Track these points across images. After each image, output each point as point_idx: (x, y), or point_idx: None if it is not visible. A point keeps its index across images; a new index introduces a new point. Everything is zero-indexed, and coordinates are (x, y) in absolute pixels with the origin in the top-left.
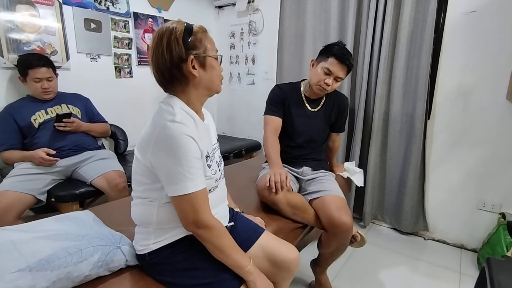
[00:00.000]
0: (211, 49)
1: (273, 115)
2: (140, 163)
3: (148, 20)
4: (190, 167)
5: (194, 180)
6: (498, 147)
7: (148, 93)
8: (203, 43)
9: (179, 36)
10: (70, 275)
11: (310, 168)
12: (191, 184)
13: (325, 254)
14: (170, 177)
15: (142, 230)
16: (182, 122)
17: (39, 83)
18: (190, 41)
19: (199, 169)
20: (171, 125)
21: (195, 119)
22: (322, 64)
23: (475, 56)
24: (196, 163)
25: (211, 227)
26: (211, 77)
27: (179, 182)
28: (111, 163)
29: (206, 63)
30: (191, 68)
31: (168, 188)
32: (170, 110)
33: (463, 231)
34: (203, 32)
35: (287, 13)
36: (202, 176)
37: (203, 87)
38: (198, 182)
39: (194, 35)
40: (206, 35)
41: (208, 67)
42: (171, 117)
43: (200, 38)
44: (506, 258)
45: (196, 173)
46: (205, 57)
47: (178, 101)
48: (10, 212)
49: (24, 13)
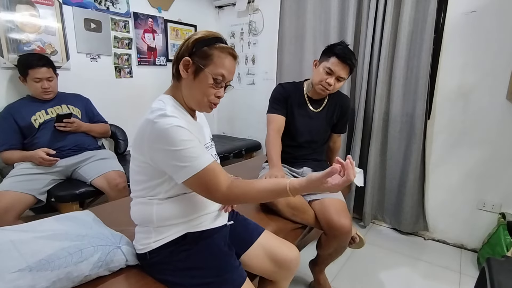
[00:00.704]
0: (216, 69)
1: (277, 113)
2: (137, 160)
3: (148, 20)
4: (190, 148)
5: (199, 157)
6: (498, 147)
7: (148, 93)
8: (214, 60)
9: (195, 39)
10: (70, 275)
11: (311, 168)
12: (197, 162)
13: (323, 255)
14: (175, 165)
15: (143, 229)
16: (173, 115)
17: (39, 83)
18: (201, 49)
19: (200, 147)
20: (161, 119)
21: (186, 115)
22: (324, 64)
23: (475, 56)
24: (194, 143)
25: (239, 193)
26: (197, 90)
27: (186, 165)
28: (111, 163)
29: (200, 75)
30: (182, 67)
31: (178, 176)
32: (160, 106)
33: (463, 231)
34: (221, 51)
35: (287, 13)
36: (206, 152)
37: (188, 94)
38: (203, 158)
39: (211, 48)
40: (223, 56)
41: (199, 79)
42: (161, 112)
43: (212, 53)
44: (506, 258)
45: (198, 151)
46: (202, 69)
47: (171, 99)
48: (10, 212)
49: (24, 13)
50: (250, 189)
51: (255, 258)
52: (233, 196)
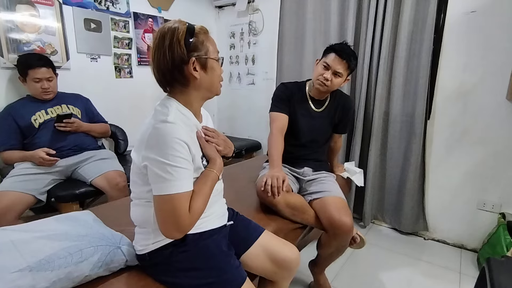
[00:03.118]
0: (213, 51)
1: (280, 112)
2: (134, 164)
3: (148, 20)
4: (176, 167)
5: (180, 180)
6: (498, 147)
7: (148, 93)
8: (205, 44)
9: (181, 37)
10: (70, 275)
11: (311, 168)
12: (175, 184)
13: (324, 254)
14: (157, 176)
15: (142, 230)
16: (174, 122)
17: (39, 83)
18: (192, 42)
19: (187, 170)
20: (162, 125)
21: (191, 120)
22: (323, 60)
23: (475, 56)
24: (183, 164)
25: (196, 216)
26: (212, 79)
27: (164, 181)
28: (111, 163)
29: (208, 65)
30: (193, 70)
31: (154, 187)
32: (164, 111)
33: (463, 231)
34: (204, 33)
35: (287, 13)
36: (190, 178)
37: (204, 89)
38: (183, 183)
39: (196, 36)
40: (208, 36)
41: (209, 69)
42: (164, 118)
43: (202, 39)
44: (506, 258)
45: (183, 174)
46: (206, 59)
47: (175, 102)
48: (10, 212)
49: (24, 13)
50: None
51: (255, 258)
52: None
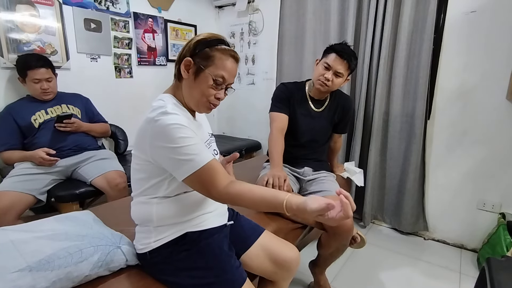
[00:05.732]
0: (219, 73)
1: (280, 112)
2: (138, 159)
3: (148, 20)
4: (189, 145)
5: (199, 154)
6: (498, 147)
7: (148, 93)
8: (214, 60)
9: (196, 41)
10: (70, 275)
11: (311, 168)
12: (196, 159)
13: (324, 254)
14: (175, 162)
15: (143, 228)
16: (174, 112)
17: (38, 84)
18: (202, 50)
19: (200, 145)
20: (163, 116)
21: (186, 113)
22: (323, 60)
23: (475, 56)
24: (193, 140)
25: (234, 194)
26: (198, 90)
27: (185, 163)
28: (111, 163)
29: (200, 75)
30: (184, 68)
31: (178, 173)
32: (161, 104)
33: (463, 231)
34: (223, 54)
35: (287, 13)
36: (206, 150)
37: (189, 95)
38: (203, 155)
39: (212, 50)
40: (226, 58)
41: (199, 79)
42: (162, 110)
43: (214, 54)
44: (506, 258)
45: (198, 148)
46: (202, 69)
47: (171, 97)
48: (10, 212)
49: (24, 13)
50: (246, 192)
51: (255, 258)
52: (228, 196)
